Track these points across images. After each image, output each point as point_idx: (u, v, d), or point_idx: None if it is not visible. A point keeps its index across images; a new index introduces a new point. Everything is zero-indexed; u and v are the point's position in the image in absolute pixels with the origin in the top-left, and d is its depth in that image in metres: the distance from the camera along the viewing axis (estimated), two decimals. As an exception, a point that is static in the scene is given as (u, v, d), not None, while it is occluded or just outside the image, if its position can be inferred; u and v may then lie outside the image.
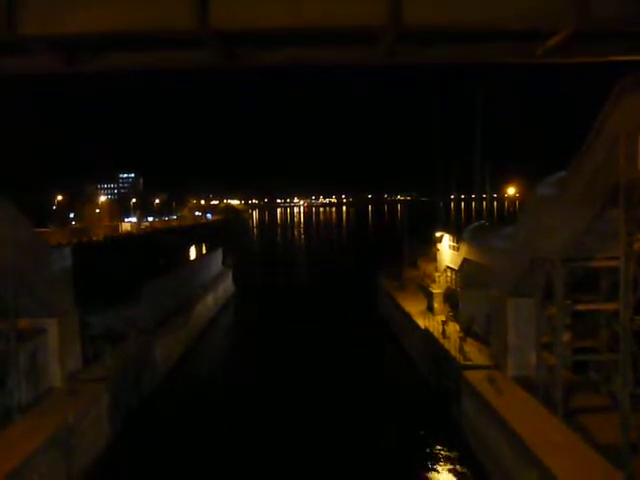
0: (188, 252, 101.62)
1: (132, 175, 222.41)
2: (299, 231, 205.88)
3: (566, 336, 23.11)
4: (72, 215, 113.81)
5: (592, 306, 23.14)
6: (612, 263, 19.78)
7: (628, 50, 13.53)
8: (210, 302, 53.05)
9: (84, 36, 11.91)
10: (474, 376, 25.65)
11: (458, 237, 40.07)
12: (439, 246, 44.56)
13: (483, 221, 42.78)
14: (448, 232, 43.59)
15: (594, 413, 21.00)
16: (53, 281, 26.28)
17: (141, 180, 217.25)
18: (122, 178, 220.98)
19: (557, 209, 21.59)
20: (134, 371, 30.07)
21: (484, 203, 53.98)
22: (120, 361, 29.14)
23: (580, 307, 22.84)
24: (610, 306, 21.35)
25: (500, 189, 63.48)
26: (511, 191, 61.69)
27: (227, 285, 64.82)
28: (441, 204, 55.33)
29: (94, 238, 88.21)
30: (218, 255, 66.06)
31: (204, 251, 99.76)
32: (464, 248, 37.88)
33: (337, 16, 11.66)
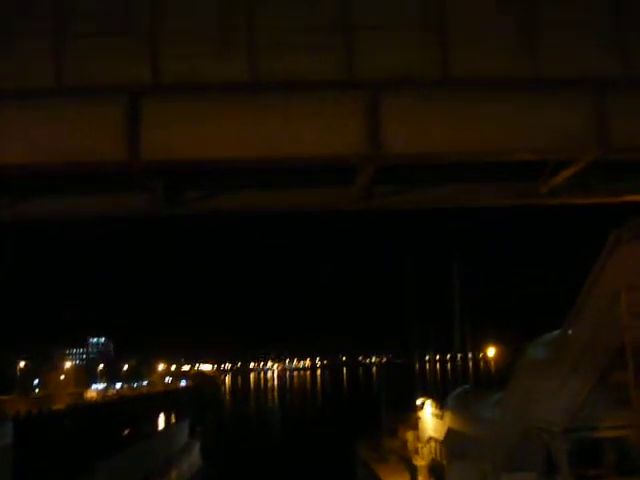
0: (156, 421, 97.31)
1: (102, 339, 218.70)
2: (273, 396, 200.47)
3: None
4: (37, 381, 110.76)
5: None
6: (621, 433, 17.71)
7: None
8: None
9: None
10: None
11: (441, 404, 37.58)
12: (421, 414, 41.71)
13: (467, 386, 40.54)
14: (430, 398, 40.97)
15: None
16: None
17: (111, 345, 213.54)
18: (92, 343, 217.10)
19: (552, 373, 19.77)
20: None
21: (466, 364, 51.70)
22: None
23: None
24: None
25: (481, 349, 61.42)
26: (491, 352, 59.65)
27: (193, 459, 60.29)
28: (417, 367, 53.11)
29: (56, 407, 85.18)
30: (184, 427, 62.12)
31: (173, 420, 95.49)
32: (448, 416, 35.28)
33: (305, 145, 9.81)
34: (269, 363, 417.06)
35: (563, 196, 12.32)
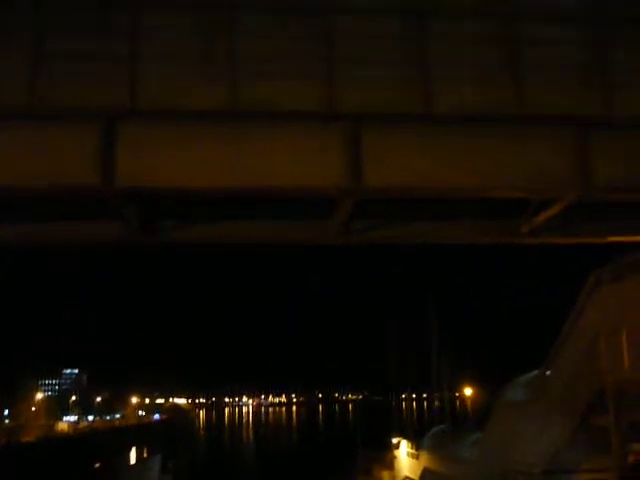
0: (128, 455, 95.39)
1: (76, 371, 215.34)
2: (248, 432, 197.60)
3: None
4: (7, 412, 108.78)
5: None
6: (600, 477, 17.26)
7: (633, 229, 11.64)
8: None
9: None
10: None
11: (417, 443, 37.05)
12: (396, 453, 41.10)
13: (444, 425, 40.01)
14: (405, 437, 40.42)
15: None
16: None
17: (85, 377, 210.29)
18: (65, 374, 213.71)
19: (532, 415, 19.44)
20: None
21: (443, 403, 51.19)
22: None
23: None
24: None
25: (458, 389, 60.98)
26: (468, 392, 59.14)
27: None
28: (394, 404, 52.55)
29: (26, 439, 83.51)
30: (156, 461, 60.79)
31: (145, 454, 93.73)
32: (425, 456, 34.74)
33: (284, 176, 9.61)
34: (244, 398, 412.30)
35: (544, 236, 12.16)
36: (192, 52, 9.65)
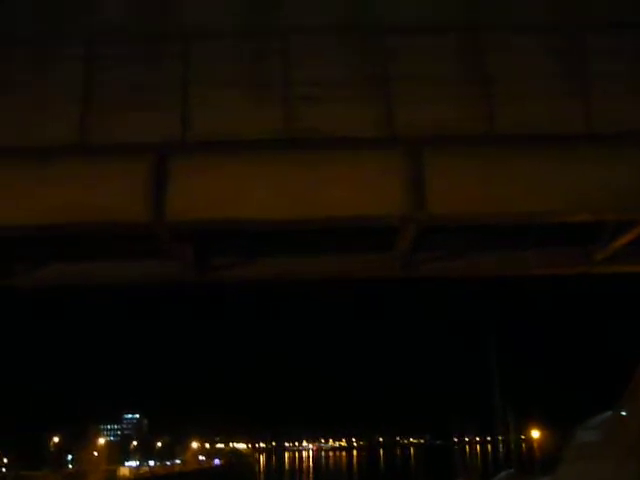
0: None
1: (137, 416, 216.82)
2: (308, 477, 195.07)
3: None
4: (70, 457, 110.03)
5: None
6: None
7: None
8: None
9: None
10: None
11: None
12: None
13: (511, 469, 38.62)
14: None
15: None
16: None
17: (145, 421, 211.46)
18: (126, 419, 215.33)
19: (606, 456, 18.28)
20: None
21: (508, 446, 49.51)
22: None
23: None
24: None
25: (524, 430, 58.95)
26: (535, 434, 57.06)
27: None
28: (457, 448, 51.07)
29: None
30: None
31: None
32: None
33: (341, 205, 9.13)
34: (304, 442, 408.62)
35: (620, 264, 11.38)
36: (244, 79, 9.36)
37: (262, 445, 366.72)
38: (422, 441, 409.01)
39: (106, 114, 9.21)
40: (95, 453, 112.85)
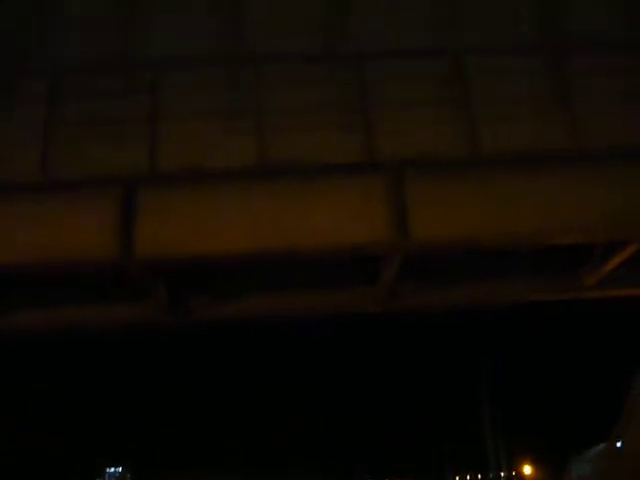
0: None
1: (119, 469, 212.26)
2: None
3: None
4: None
5: None
6: None
7: None
8: None
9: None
10: None
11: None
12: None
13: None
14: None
15: None
16: None
17: (128, 475, 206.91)
18: (109, 473, 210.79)
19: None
20: None
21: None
22: None
23: None
24: None
25: (516, 467, 57.90)
26: (527, 470, 55.93)
27: None
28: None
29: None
30: None
31: None
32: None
33: (322, 234, 8.70)
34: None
35: (614, 287, 10.97)
36: (215, 108, 8.98)
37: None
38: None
39: (71, 149, 8.76)
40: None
